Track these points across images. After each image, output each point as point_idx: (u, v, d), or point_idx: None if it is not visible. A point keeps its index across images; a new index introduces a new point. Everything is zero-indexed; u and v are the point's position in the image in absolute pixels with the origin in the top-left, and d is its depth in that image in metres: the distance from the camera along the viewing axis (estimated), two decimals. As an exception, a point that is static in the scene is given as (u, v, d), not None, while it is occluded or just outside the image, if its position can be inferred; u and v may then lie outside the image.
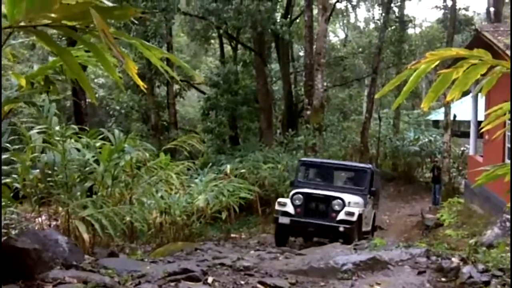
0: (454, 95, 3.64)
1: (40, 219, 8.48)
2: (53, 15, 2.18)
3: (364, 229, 13.09)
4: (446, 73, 3.46)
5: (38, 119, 7.74)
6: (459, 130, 29.12)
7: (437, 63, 3.52)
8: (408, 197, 22.89)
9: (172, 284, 3.91)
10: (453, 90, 3.61)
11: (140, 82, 2.65)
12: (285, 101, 25.55)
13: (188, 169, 13.43)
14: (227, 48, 29.96)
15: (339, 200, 12.17)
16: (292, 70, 27.34)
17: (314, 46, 20.07)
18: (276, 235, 12.64)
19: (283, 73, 25.83)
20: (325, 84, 23.14)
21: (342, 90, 32.34)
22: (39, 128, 7.76)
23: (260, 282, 4.03)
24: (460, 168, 22.54)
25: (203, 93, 28.81)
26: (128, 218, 8.57)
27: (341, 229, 11.57)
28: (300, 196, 12.51)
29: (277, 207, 12.95)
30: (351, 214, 11.87)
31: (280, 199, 13.35)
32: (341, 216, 11.88)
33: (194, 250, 10.32)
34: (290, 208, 12.45)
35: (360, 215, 12.29)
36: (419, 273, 4.22)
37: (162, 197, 10.83)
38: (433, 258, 4.58)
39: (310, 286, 3.91)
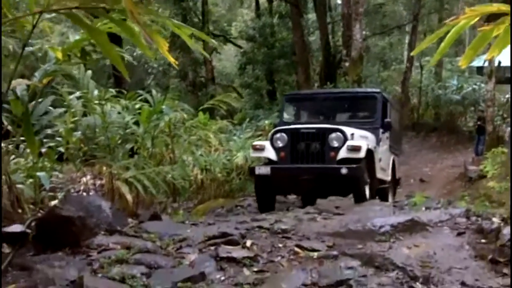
0: (494, 52, 3.54)
1: (85, 178, 8.73)
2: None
3: (380, 176, 9.81)
4: (487, 31, 3.35)
5: (77, 85, 7.88)
6: (504, 76, 28.15)
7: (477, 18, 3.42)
8: (451, 147, 22.49)
9: (212, 248, 4.01)
10: (494, 48, 3.49)
11: (171, 59, 2.67)
12: (322, 53, 25.11)
13: (226, 125, 13.58)
14: (263, 0, 29.50)
15: (337, 133, 8.68)
16: (329, 20, 26.76)
17: (352, -6, 19.54)
18: (257, 194, 9.20)
19: (320, 24, 25.28)
20: (364, 33, 22.61)
21: (382, 38, 31.54)
22: (78, 93, 7.92)
23: (298, 245, 4.09)
24: (505, 116, 21.90)
25: (240, 47, 28.63)
26: (169, 176, 8.73)
27: (344, 171, 8.20)
28: (284, 135, 8.95)
29: (252, 153, 9.71)
30: (356, 149, 8.51)
31: (255, 142, 9.95)
32: (343, 153, 8.51)
33: (235, 207, 10.54)
34: (270, 153, 8.98)
35: (370, 152, 8.96)
36: (458, 234, 4.19)
37: (201, 155, 11.00)
38: (473, 218, 4.52)
39: (347, 249, 3.93)
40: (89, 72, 7.28)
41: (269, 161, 9.10)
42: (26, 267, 3.42)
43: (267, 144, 9.14)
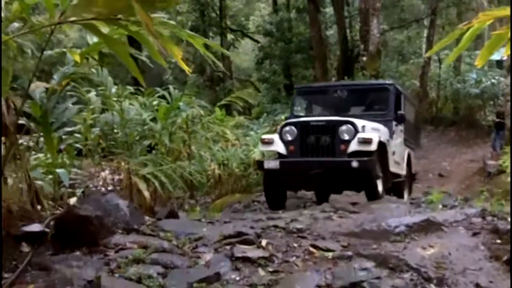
0: (508, 52, 3.59)
1: (103, 173, 8.83)
2: (98, 9, 2.24)
3: (394, 169, 9.55)
4: (501, 33, 3.39)
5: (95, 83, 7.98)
6: (525, 69, 27.76)
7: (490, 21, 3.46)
8: (470, 141, 22.30)
9: (227, 247, 4.04)
10: (508, 48, 3.54)
11: (185, 67, 2.71)
12: (340, 47, 25.01)
13: (243, 121, 13.65)
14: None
15: (348, 126, 8.46)
16: (347, 14, 26.63)
17: (370, -11, 19.44)
18: (266, 190, 8.95)
19: (337, 18, 25.16)
20: (382, 27, 22.46)
21: (400, 32, 31.30)
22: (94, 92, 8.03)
23: (313, 245, 4.12)
24: (525, 109, 21.61)
25: (257, 42, 28.65)
26: (187, 171, 8.79)
27: (355, 164, 7.93)
28: (293, 128, 8.78)
29: (260, 147, 9.60)
30: (367, 141, 8.26)
31: (264, 136, 9.75)
32: (353, 146, 8.29)
33: (252, 202, 10.59)
34: (279, 147, 8.81)
35: (383, 145, 8.72)
36: (474, 234, 4.17)
37: (219, 150, 11.07)
38: (489, 218, 4.49)
39: (362, 249, 3.95)
40: (105, 71, 7.36)
41: (279, 155, 8.92)
42: (45, 267, 3.49)
43: (275, 137, 8.93)
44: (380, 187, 8.39)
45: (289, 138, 8.72)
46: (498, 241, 3.98)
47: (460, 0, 25.19)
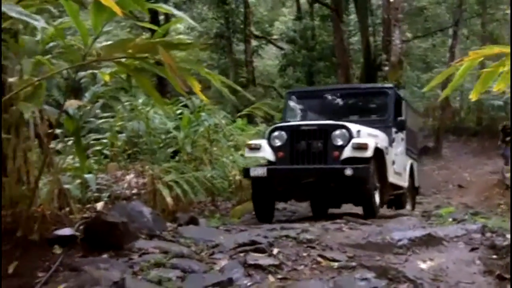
0: (500, 86, 3.83)
1: (128, 177, 9.26)
2: (128, 50, 2.61)
3: (394, 180, 8.84)
4: (490, 71, 3.65)
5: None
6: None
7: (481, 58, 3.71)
8: (492, 152, 22.28)
9: (241, 255, 4.35)
10: (500, 82, 3.79)
11: (204, 97, 3.04)
12: (363, 55, 25.20)
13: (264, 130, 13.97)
14: (303, 0, 29.73)
15: (342, 130, 7.80)
16: (370, 23, 26.82)
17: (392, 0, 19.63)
18: (254, 199, 8.39)
19: (361, 27, 25.40)
20: (407, 34, 22.52)
21: (425, 39, 31.34)
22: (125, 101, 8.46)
23: (320, 255, 4.41)
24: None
25: (281, 48, 28.99)
26: (208, 176, 9.11)
27: (348, 172, 7.25)
28: (282, 133, 8.12)
29: (246, 153, 8.84)
30: (362, 147, 7.55)
31: (251, 141, 8.92)
32: (347, 152, 7.63)
33: (270, 208, 10.87)
34: (267, 153, 8.17)
35: (380, 151, 8.02)
36: (472, 249, 4.42)
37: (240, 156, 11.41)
38: (488, 234, 4.74)
39: (366, 260, 4.23)
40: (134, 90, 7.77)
41: (268, 163, 8.31)
42: (75, 268, 3.84)
43: (263, 143, 8.30)
44: (377, 199, 7.90)
45: (278, 144, 8.12)
46: (494, 256, 4.23)
47: (484, 10, 25.18)
